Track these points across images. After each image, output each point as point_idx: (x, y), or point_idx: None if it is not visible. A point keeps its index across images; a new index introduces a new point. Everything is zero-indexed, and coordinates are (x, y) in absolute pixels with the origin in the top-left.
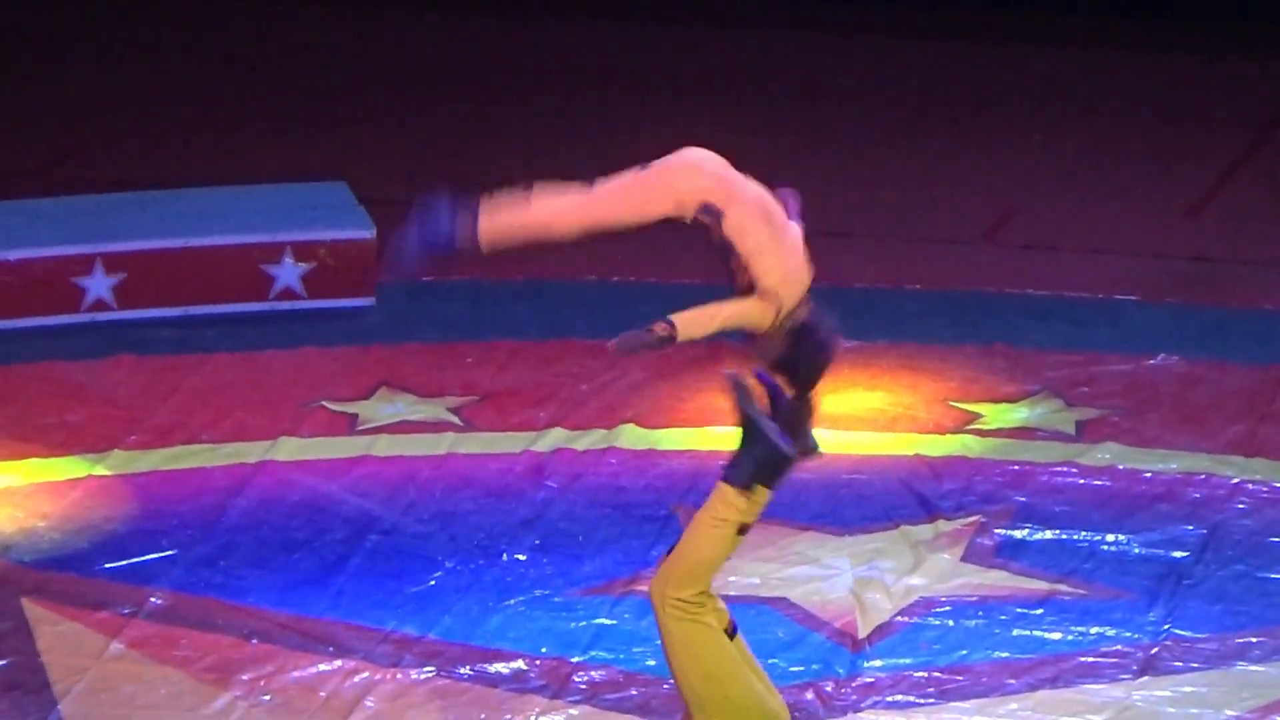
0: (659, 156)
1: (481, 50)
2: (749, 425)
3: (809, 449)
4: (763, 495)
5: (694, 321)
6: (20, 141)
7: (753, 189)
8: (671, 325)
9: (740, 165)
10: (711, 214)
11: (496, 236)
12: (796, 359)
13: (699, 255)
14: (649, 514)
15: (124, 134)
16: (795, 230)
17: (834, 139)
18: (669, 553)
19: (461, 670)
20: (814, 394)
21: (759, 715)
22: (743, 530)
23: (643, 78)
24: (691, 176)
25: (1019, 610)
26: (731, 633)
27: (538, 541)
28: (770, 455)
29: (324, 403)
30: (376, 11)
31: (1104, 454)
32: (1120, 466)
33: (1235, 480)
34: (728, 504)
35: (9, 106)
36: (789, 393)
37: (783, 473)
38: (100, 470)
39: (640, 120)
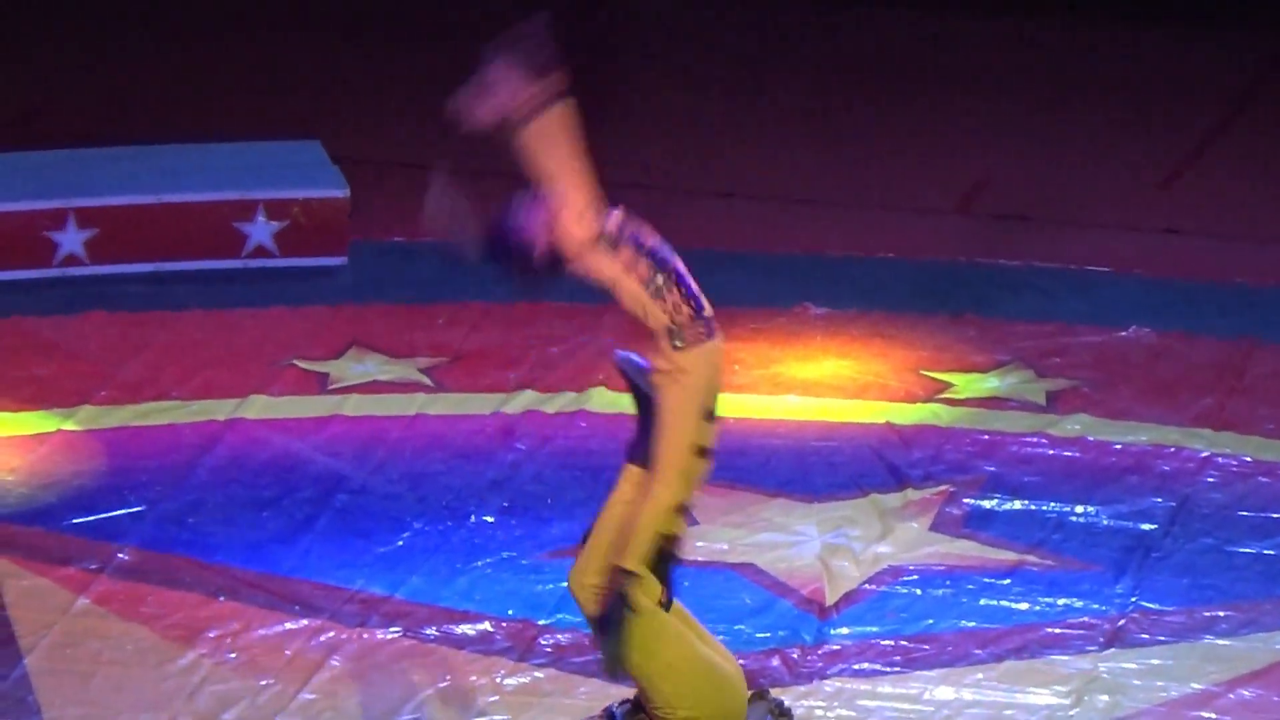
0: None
1: (457, 7)
2: (647, 404)
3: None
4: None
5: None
6: None
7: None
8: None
9: (713, 132)
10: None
11: None
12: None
13: (673, 219)
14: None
15: (97, 89)
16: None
17: (807, 108)
18: (582, 543)
19: (428, 631)
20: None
21: (707, 678)
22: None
23: (604, 44)
24: None
25: (986, 580)
26: (666, 604)
27: (506, 503)
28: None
29: (295, 361)
30: None
31: (1074, 425)
32: (1090, 438)
33: (1205, 453)
34: (635, 485)
35: None
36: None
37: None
38: (70, 425)
39: (605, 87)
